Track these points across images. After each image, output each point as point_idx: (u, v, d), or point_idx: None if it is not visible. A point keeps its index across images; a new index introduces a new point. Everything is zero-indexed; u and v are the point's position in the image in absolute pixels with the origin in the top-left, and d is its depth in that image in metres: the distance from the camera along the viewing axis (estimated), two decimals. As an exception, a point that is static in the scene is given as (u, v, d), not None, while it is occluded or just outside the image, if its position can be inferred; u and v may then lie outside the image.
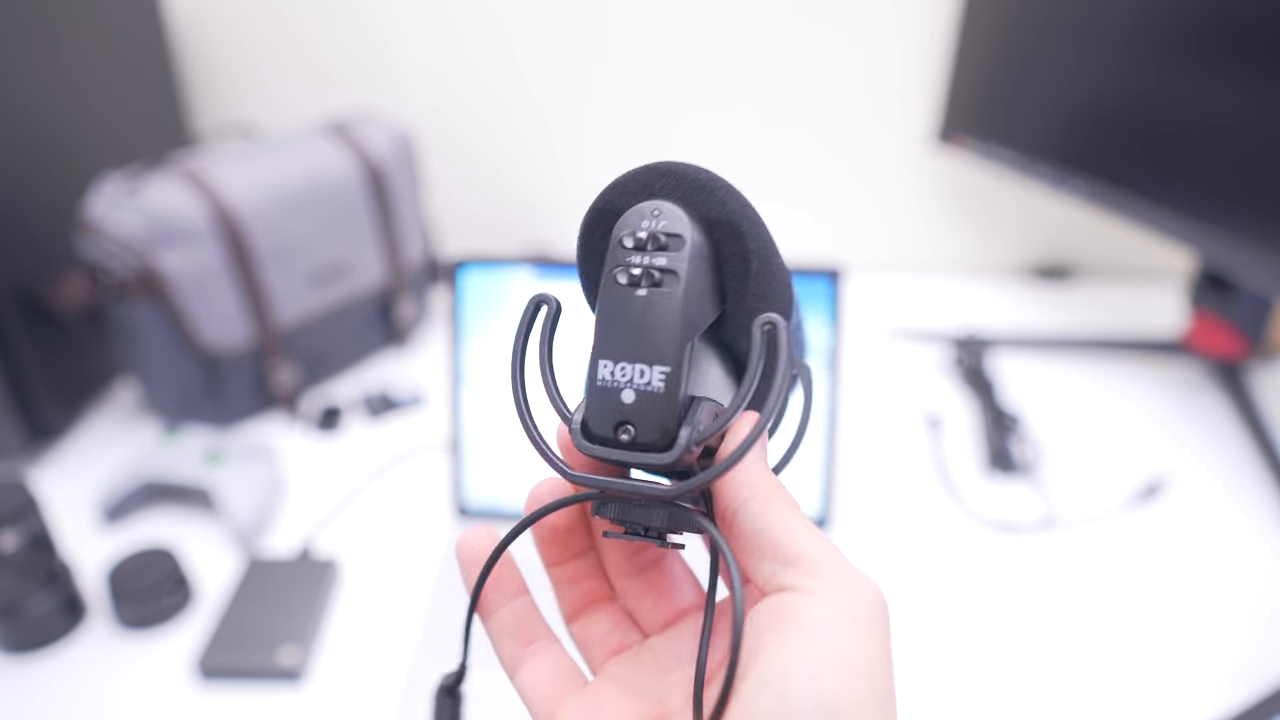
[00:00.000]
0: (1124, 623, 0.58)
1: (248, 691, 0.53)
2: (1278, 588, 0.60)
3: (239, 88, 1.01)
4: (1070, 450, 0.74)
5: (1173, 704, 0.52)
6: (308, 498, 0.70)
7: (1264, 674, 0.54)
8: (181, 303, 0.71)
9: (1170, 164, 0.72)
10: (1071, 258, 1.07)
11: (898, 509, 0.68)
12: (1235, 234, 0.67)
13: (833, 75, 0.98)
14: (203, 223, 0.70)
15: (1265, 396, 0.80)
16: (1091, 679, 0.54)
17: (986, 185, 1.03)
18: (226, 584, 0.61)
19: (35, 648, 0.55)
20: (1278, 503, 0.68)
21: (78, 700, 0.53)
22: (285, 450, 0.75)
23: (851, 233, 1.08)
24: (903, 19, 0.95)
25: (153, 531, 0.66)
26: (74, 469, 0.73)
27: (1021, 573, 0.62)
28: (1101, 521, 0.66)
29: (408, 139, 0.86)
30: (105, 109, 0.83)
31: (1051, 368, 0.86)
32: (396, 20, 0.97)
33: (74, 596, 0.57)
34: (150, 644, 0.57)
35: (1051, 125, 0.83)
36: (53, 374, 0.74)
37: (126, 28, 0.86)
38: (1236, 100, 0.65)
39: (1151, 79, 0.72)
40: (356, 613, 0.59)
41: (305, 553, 0.62)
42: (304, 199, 0.76)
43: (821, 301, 0.59)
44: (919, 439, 0.76)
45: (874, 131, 1.01)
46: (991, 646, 0.56)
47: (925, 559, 0.63)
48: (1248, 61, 0.64)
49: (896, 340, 0.91)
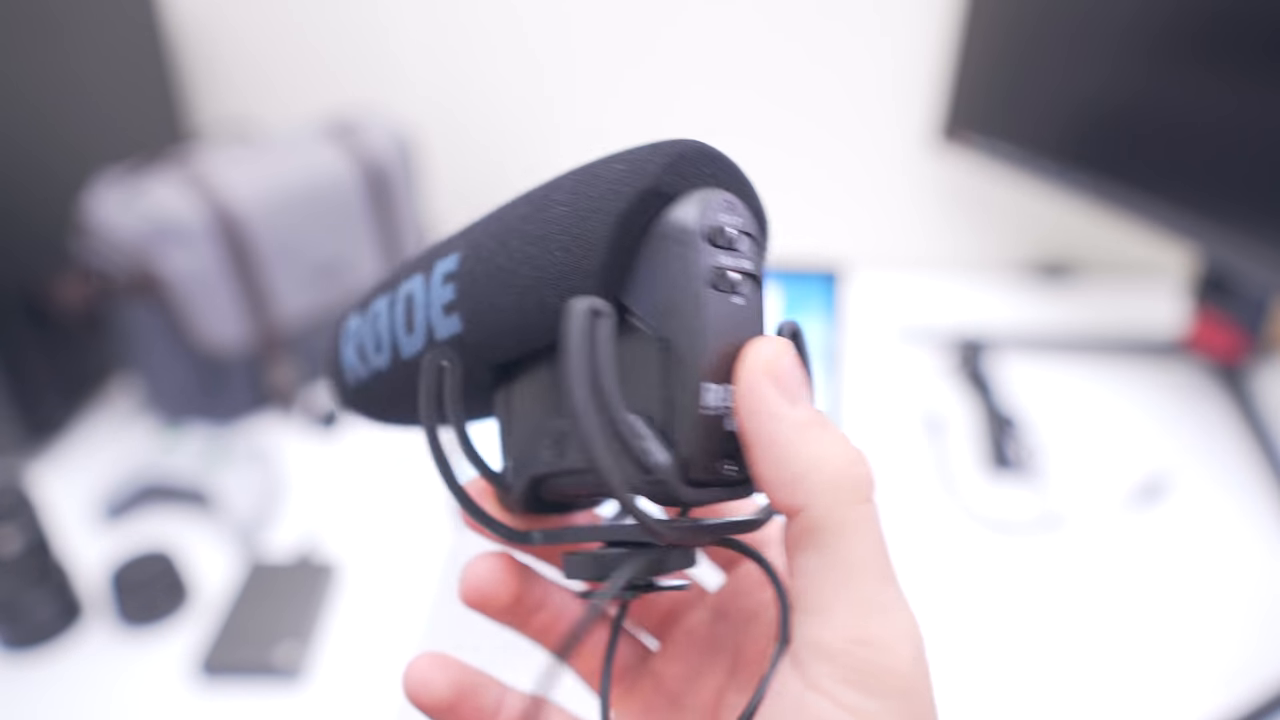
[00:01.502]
0: (1124, 623, 0.58)
1: (248, 692, 0.53)
2: (1277, 588, 0.60)
3: (239, 81, 1.01)
4: (1071, 450, 0.74)
5: (1172, 704, 0.52)
6: (307, 497, 0.70)
7: (1264, 675, 0.54)
8: (180, 303, 0.71)
9: (1176, 159, 0.72)
10: (1073, 255, 1.07)
11: (898, 509, 0.68)
12: (1239, 230, 0.67)
13: (833, 71, 0.98)
14: (202, 224, 0.70)
15: (1266, 395, 0.80)
16: (1091, 679, 0.54)
17: (989, 182, 1.03)
18: (225, 584, 0.61)
19: (31, 646, 0.55)
20: (1278, 502, 0.68)
21: (74, 698, 0.53)
22: (284, 449, 0.75)
23: (851, 230, 1.07)
24: (906, 13, 0.94)
25: (151, 530, 0.66)
26: (72, 465, 0.73)
27: (1022, 573, 0.62)
28: (1102, 521, 0.66)
29: (407, 139, 0.86)
30: (101, 103, 0.83)
31: (1051, 366, 0.86)
32: (397, 15, 0.97)
33: (70, 594, 0.57)
34: (148, 642, 0.57)
35: (1057, 121, 0.83)
36: (50, 370, 0.74)
37: (122, 21, 0.86)
38: (1243, 96, 0.65)
39: (1159, 74, 0.72)
40: (357, 613, 0.59)
41: (305, 552, 0.62)
42: (303, 200, 0.76)
43: (820, 302, 0.59)
44: (919, 438, 0.76)
45: (876, 127, 1.01)
46: (992, 646, 0.56)
47: (926, 559, 0.63)
48: (1254, 57, 0.64)
49: (897, 339, 0.91)
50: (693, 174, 0.20)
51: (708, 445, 0.19)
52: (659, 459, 0.19)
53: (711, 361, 0.19)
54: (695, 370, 0.19)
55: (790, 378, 0.19)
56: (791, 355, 0.20)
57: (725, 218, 0.20)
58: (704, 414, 0.19)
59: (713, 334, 0.19)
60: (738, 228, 0.20)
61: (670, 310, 0.20)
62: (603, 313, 0.19)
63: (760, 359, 0.19)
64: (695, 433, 0.19)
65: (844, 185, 1.05)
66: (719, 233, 0.20)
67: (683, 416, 0.19)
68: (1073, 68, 0.80)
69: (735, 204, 0.20)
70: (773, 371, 0.19)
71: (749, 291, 0.20)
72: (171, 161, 0.73)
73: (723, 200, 0.20)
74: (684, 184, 0.20)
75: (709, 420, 0.19)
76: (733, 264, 0.20)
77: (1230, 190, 0.67)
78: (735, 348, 0.20)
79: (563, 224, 0.20)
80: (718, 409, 0.20)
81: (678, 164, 0.20)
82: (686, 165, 0.20)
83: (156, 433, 0.73)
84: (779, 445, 0.19)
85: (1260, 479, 0.70)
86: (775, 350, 0.20)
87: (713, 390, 0.19)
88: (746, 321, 0.20)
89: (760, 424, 0.19)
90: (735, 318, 0.20)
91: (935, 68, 0.97)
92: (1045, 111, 0.84)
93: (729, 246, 0.20)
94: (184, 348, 0.73)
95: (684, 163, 0.20)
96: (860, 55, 0.97)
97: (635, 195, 0.20)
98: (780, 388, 0.19)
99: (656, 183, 0.20)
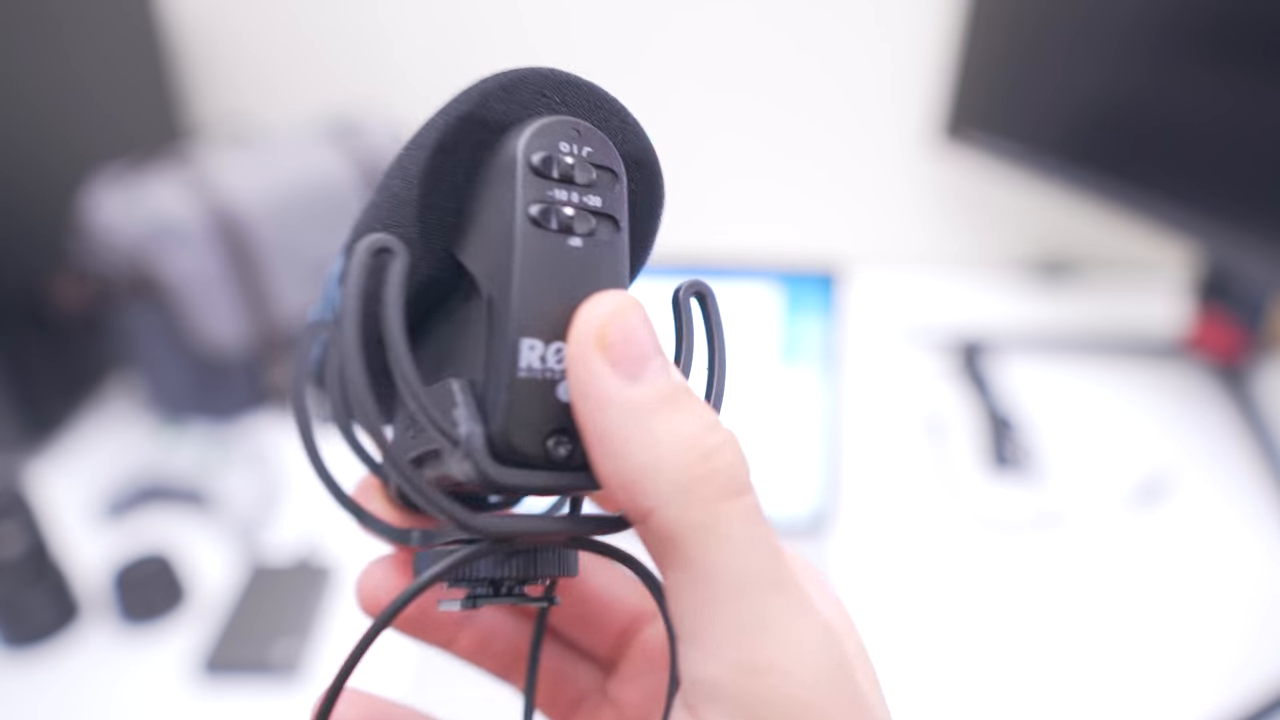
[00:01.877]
0: (1124, 622, 0.58)
1: (246, 692, 0.53)
2: (1277, 588, 0.60)
3: (238, 78, 1.01)
4: (1071, 449, 0.74)
5: (1172, 703, 0.52)
6: (307, 497, 0.70)
7: (1264, 674, 0.54)
8: (180, 304, 0.71)
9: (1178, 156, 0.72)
10: (1073, 254, 1.07)
11: (899, 508, 0.68)
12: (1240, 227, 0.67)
13: (834, 70, 0.98)
14: (201, 225, 0.70)
15: (1266, 395, 0.80)
16: (1092, 678, 0.54)
17: (990, 180, 1.03)
18: (224, 582, 0.61)
19: (29, 645, 0.56)
20: (1278, 502, 0.68)
21: (72, 697, 0.53)
22: (282, 448, 0.75)
23: (852, 228, 1.07)
24: (905, 13, 0.94)
25: (151, 529, 0.66)
26: (72, 465, 0.73)
27: (1022, 572, 0.62)
28: (1102, 520, 0.66)
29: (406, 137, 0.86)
30: (99, 100, 0.82)
31: (1051, 366, 0.86)
32: (397, 11, 0.97)
33: (68, 594, 0.57)
34: (147, 641, 0.57)
35: (1060, 118, 0.83)
36: (50, 370, 0.74)
37: (119, 18, 0.86)
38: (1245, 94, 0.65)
39: (1162, 71, 0.72)
40: (356, 612, 0.59)
41: (304, 552, 0.62)
42: (302, 201, 0.76)
43: (820, 302, 0.59)
44: (920, 438, 0.76)
45: (876, 126, 1.01)
46: (992, 646, 0.56)
47: (927, 558, 0.63)
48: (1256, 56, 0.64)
49: (897, 339, 0.91)
50: (532, 102, 0.17)
51: (526, 415, 0.16)
52: (465, 430, 0.16)
53: (533, 312, 0.16)
54: (510, 322, 0.16)
55: (631, 344, 0.15)
56: (638, 316, 0.16)
57: (564, 146, 0.17)
58: (522, 377, 0.16)
59: (531, 278, 0.16)
60: (582, 157, 0.17)
61: (490, 253, 0.17)
62: (389, 250, 0.16)
63: (591, 322, 0.16)
64: (508, 398, 0.16)
65: (845, 184, 1.04)
66: (550, 162, 0.17)
67: (495, 379, 0.16)
68: (1076, 65, 0.80)
69: (587, 134, 0.17)
70: (606, 338, 0.15)
71: (595, 233, 0.17)
72: (171, 161, 0.73)
73: (565, 128, 0.17)
74: (520, 112, 0.17)
75: (529, 384, 0.16)
76: (566, 198, 0.17)
77: (1232, 187, 0.67)
78: (572, 301, 0.16)
79: (399, 161, 0.18)
80: (542, 372, 0.16)
81: (511, 90, 0.17)
82: (524, 92, 0.17)
83: (156, 432, 0.73)
84: (610, 435, 0.15)
85: (1260, 478, 0.70)
86: (613, 308, 0.16)
87: (536, 348, 0.16)
88: (588, 268, 0.17)
89: (590, 409, 0.15)
90: (567, 261, 0.16)
91: (936, 66, 0.97)
92: (1048, 108, 0.84)
93: (565, 179, 0.17)
94: (183, 348, 0.73)
95: (521, 89, 0.17)
96: (861, 54, 0.97)
97: (453, 121, 0.17)
98: (614, 359, 0.15)
99: (478, 109, 0.17)
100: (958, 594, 0.60)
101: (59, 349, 0.75)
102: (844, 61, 0.97)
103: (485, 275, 0.17)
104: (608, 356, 0.15)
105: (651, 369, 0.16)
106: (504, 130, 0.17)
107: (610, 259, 0.17)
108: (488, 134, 0.17)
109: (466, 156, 0.17)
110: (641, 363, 0.15)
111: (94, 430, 0.78)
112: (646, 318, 0.16)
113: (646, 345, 0.16)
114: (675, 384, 0.16)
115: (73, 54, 0.78)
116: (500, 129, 0.17)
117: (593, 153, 0.17)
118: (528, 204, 0.16)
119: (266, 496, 0.66)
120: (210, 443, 0.69)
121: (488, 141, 0.17)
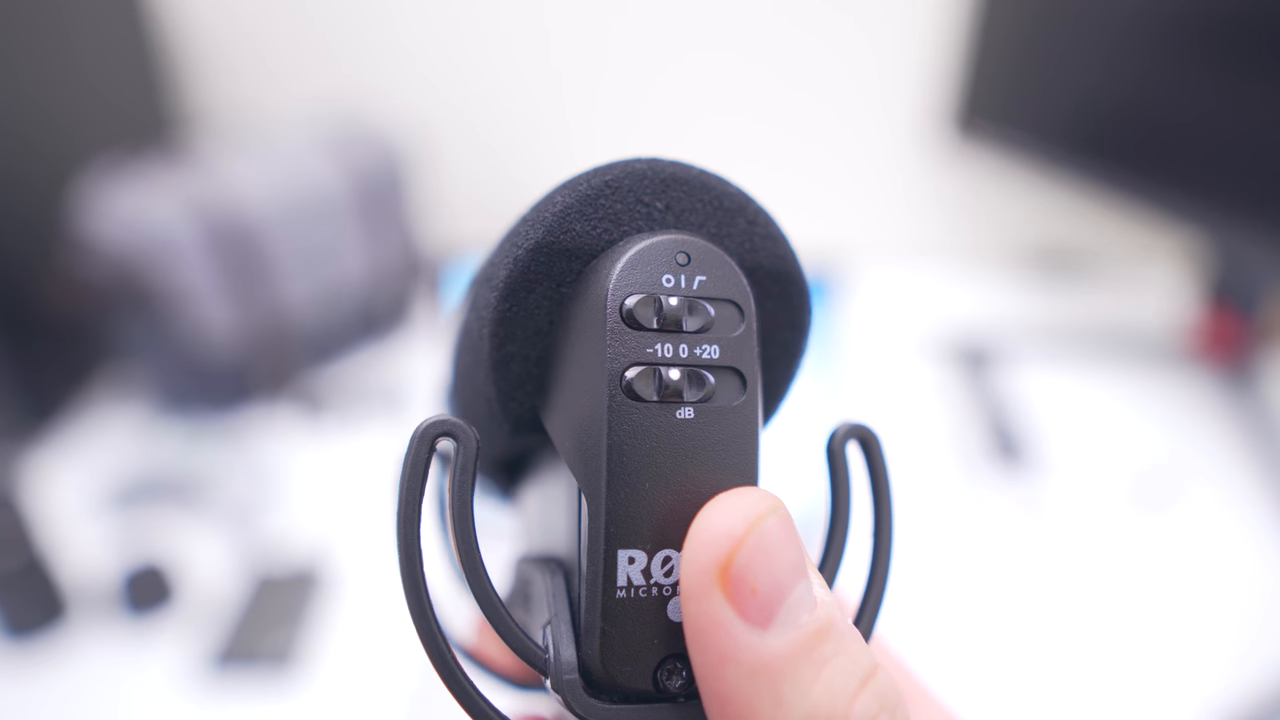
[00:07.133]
0: (1124, 622, 0.58)
1: (243, 689, 0.53)
2: (1277, 587, 0.60)
3: (235, 68, 1.00)
4: (1072, 447, 0.74)
5: (1172, 703, 0.52)
6: (306, 496, 0.70)
7: (1264, 675, 0.54)
8: (177, 304, 0.70)
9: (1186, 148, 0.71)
10: (1078, 249, 1.06)
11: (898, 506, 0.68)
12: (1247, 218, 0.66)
13: (840, 61, 0.97)
14: (198, 225, 0.69)
15: (1268, 394, 0.80)
16: (1092, 678, 0.54)
17: (996, 172, 1.02)
18: (220, 579, 0.61)
19: (20, 639, 0.56)
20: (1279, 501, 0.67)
21: (65, 692, 0.53)
22: (278, 447, 0.75)
23: (857, 219, 1.07)
24: (913, 4, 0.93)
25: (148, 526, 0.66)
26: (68, 461, 0.73)
27: (1022, 572, 0.62)
28: (1102, 519, 0.66)
29: (405, 132, 0.85)
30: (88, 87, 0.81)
31: (1053, 361, 0.85)
32: (398, 6, 0.95)
33: (59, 590, 0.57)
34: (141, 637, 0.57)
35: (1070, 109, 0.82)
36: (46, 367, 0.73)
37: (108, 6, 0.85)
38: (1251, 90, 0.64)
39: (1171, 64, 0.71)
40: (355, 612, 0.59)
41: (303, 551, 0.62)
42: (298, 200, 0.76)
43: (820, 301, 0.59)
44: (920, 436, 0.76)
45: (882, 116, 1.00)
46: (992, 645, 0.56)
47: (926, 557, 0.63)
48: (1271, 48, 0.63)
49: (899, 333, 0.90)
50: (626, 215, 0.14)
51: (628, 644, 0.13)
52: (552, 655, 0.13)
53: (632, 516, 0.13)
54: (601, 530, 0.13)
55: (763, 577, 0.12)
56: (774, 533, 0.12)
57: (669, 279, 0.13)
58: (621, 598, 0.13)
59: (627, 471, 0.13)
60: (693, 292, 0.13)
61: (575, 430, 0.13)
62: (453, 435, 0.13)
63: (711, 547, 0.12)
64: (604, 625, 0.13)
65: (850, 175, 1.04)
66: (649, 305, 0.13)
67: (590, 597, 0.13)
68: (1086, 56, 0.79)
69: (700, 256, 0.13)
70: (731, 570, 0.12)
71: (714, 397, 0.13)
72: (166, 158, 0.72)
73: (669, 252, 0.13)
74: (611, 230, 0.14)
75: (630, 606, 0.13)
76: (672, 354, 0.13)
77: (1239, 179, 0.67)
78: (684, 498, 0.13)
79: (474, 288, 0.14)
80: (647, 589, 0.13)
81: (596, 204, 0.13)
82: (614, 203, 0.14)
83: (154, 430, 0.73)
84: (731, 700, 0.12)
85: (1262, 478, 0.70)
86: (741, 524, 0.12)
87: (638, 560, 0.13)
88: (704, 449, 0.13)
89: (709, 664, 0.12)
90: (676, 442, 0.13)
91: (944, 57, 0.95)
92: (1058, 100, 0.83)
93: (669, 326, 0.13)
94: (181, 347, 0.73)
95: (609, 199, 0.13)
96: (867, 45, 0.95)
97: (524, 255, 0.13)
98: (740, 600, 0.12)
99: (555, 235, 0.13)
100: (958, 593, 0.60)
101: (56, 347, 0.75)
102: (851, 52, 0.96)
103: (572, 456, 0.13)
104: (732, 597, 0.12)
105: (788, 608, 0.12)
106: (592, 256, 0.14)
107: (735, 431, 0.13)
108: (571, 263, 0.13)
109: (547, 295, 0.14)
110: (777, 602, 0.12)
111: (92, 428, 0.78)
112: (786, 528, 0.12)
113: (784, 576, 0.12)
114: (819, 624, 0.12)
115: (60, 42, 0.77)
116: (587, 256, 0.14)
117: (706, 282, 0.13)
118: (621, 368, 0.13)
119: (266, 495, 0.66)
120: (209, 441, 0.69)
121: (572, 273, 0.14)
